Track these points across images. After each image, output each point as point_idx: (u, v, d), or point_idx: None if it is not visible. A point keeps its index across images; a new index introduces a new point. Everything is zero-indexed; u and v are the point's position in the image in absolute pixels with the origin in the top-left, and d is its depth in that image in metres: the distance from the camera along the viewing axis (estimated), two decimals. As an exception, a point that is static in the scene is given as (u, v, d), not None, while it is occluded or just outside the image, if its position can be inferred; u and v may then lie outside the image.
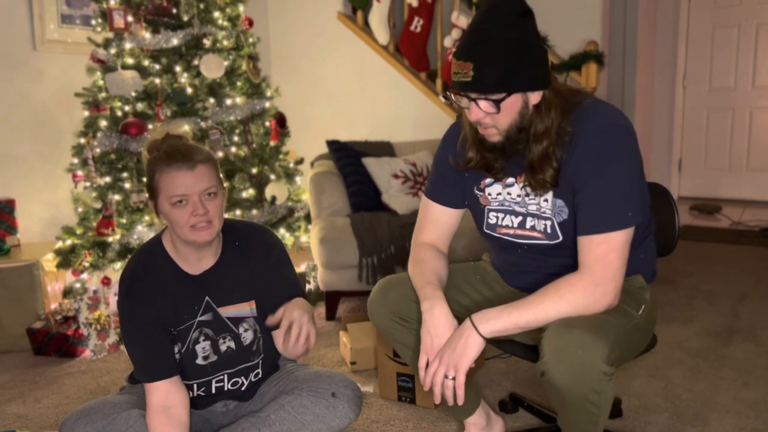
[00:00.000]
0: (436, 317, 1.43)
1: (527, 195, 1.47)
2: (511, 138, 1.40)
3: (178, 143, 1.48)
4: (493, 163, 1.48)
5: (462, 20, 3.79)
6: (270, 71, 4.62)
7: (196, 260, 1.52)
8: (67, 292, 3.08)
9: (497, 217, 1.54)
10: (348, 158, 3.23)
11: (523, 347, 1.61)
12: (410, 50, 4.02)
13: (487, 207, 1.56)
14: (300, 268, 3.14)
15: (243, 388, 1.60)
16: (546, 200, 1.45)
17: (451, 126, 1.63)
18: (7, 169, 3.34)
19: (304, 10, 4.53)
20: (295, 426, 1.48)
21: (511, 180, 1.49)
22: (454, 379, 1.36)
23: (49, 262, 2.99)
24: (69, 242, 2.94)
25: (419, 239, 1.63)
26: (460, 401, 1.36)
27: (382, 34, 4.12)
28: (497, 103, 1.34)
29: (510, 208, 1.52)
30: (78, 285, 3.05)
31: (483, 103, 1.35)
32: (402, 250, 2.84)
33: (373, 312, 1.60)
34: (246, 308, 1.56)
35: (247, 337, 1.56)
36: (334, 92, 4.49)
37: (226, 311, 1.54)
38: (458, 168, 1.54)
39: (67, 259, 2.91)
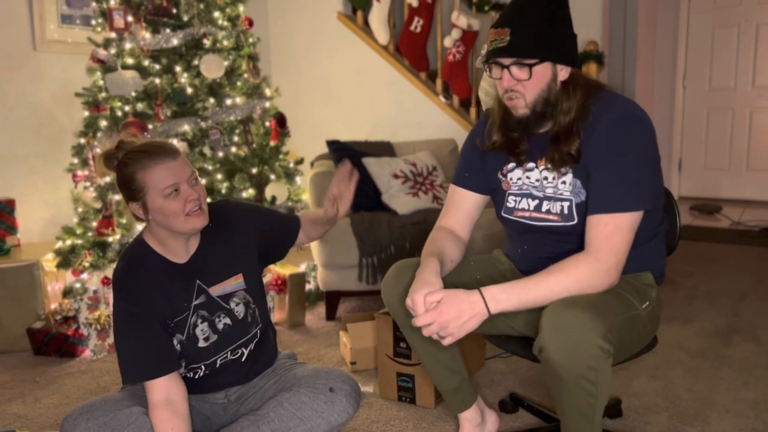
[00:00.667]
0: (426, 273, 1.45)
1: (545, 178, 1.52)
2: (537, 111, 1.47)
3: (146, 141, 1.51)
4: (517, 145, 1.54)
5: (462, 20, 3.79)
6: (270, 71, 4.62)
7: (184, 250, 1.55)
8: (67, 292, 3.08)
9: (515, 201, 1.60)
10: (348, 158, 3.23)
11: (523, 346, 1.61)
12: (410, 50, 4.02)
13: (507, 192, 1.62)
14: (300, 268, 3.14)
15: (243, 358, 1.63)
16: (564, 182, 1.50)
17: (480, 117, 1.71)
18: (7, 169, 3.34)
19: (304, 10, 4.53)
20: (294, 422, 1.49)
21: (531, 165, 1.56)
22: (442, 337, 1.39)
23: (49, 262, 2.99)
24: (69, 242, 2.94)
25: (439, 223, 1.70)
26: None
27: (382, 34, 4.12)
28: (530, 68, 1.42)
29: (528, 192, 1.57)
30: (78, 285, 3.05)
31: (515, 70, 1.44)
32: (402, 250, 2.84)
33: (386, 294, 1.64)
34: (232, 283, 1.60)
35: (240, 310, 1.60)
36: (334, 92, 4.49)
37: (215, 290, 1.58)
38: (483, 147, 1.62)
39: (67, 259, 2.91)
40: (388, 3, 4.04)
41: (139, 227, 2.87)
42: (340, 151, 3.27)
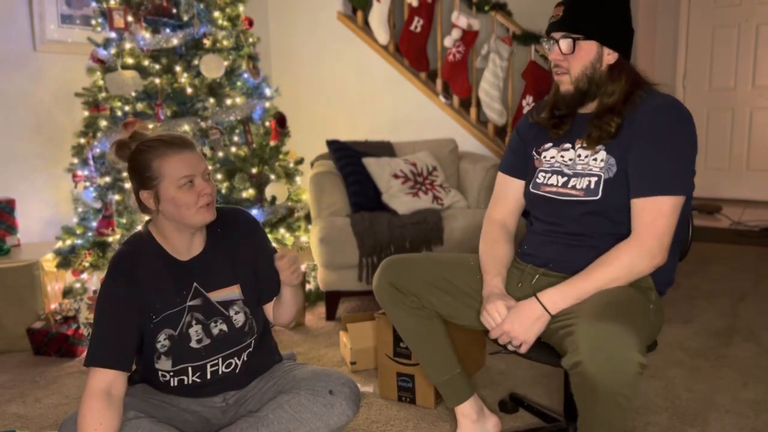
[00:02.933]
0: (496, 304, 1.54)
1: (578, 156, 1.57)
2: (580, 88, 1.56)
3: (164, 132, 1.53)
4: (560, 124, 1.62)
5: (462, 20, 3.79)
6: (270, 71, 4.62)
7: (186, 247, 1.55)
8: (67, 292, 3.08)
9: (545, 177, 1.64)
10: (348, 158, 3.23)
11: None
12: (410, 50, 4.02)
13: (538, 168, 1.67)
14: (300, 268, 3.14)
15: (237, 370, 1.61)
16: (596, 158, 1.55)
17: (535, 105, 1.79)
18: (7, 169, 3.34)
19: (304, 10, 4.53)
20: (294, 425, 1.48)
21: (567, 145, 1.62)
22: (519, 346, 1.51)
23: (49, 262, 2.99)
24: (69, 242, 2.94)
25: (492, 215, 1.79)
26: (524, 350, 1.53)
27: (382, 34, 4.12)
28: (574, 43, 1.52)
29: (559, 170, 1.63)
30: (78, 285, 3.05)
31: (563, 44, 1.53)
32: (402, 250, 2.84)
33: (375, 287, 1.75)
34: (235, 291, 1.59)
35: (239, 319, 1.59)
36: (334, 92, 4.49)
37: (216, 296, 1.57)
38: (533, 121, 1.70)
39: (67, 259, 2.91)
40: (388, 3, 4.04)
41: (139, 227, 2.87)
42: (340, 151, 3.27)
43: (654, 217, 1.46)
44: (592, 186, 1.54)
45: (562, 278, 1.55)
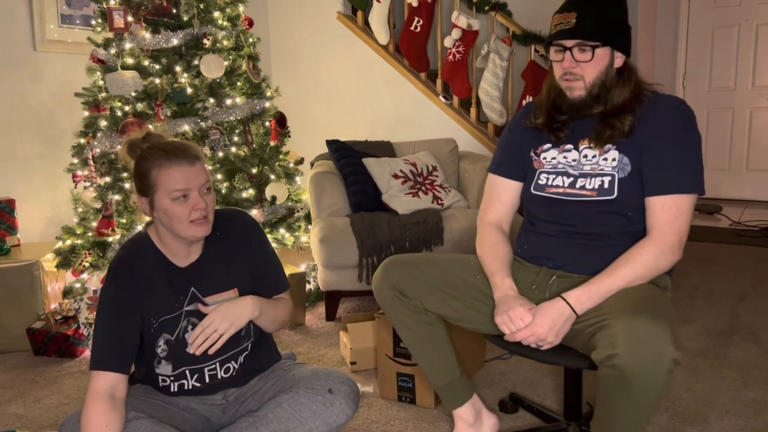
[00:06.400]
0: (514, 307, 1.52)
1: (585, 156, 1.59)
2: (593, 94, 1.56)
3: (170, 140, 1.52)
4: (562, 128, 1.62)
5: (462, 20, 3.79)
6: (270, 71, 4.62)
7: (184, 254, 1.55)
8: (67, 292, 3.08)
9: (548, 178, 1.64)
10: (348, 158, 3.23)
11: (525, 345, 1.60)
12: (410, 50, 4.02)
13: (539, 170, 1.66)
14: (300, 268, 3.14)
15: (235, 373, 1.61)
16: (606, 158, 1.55)
17: (524, 106, 1.78)
18: (7, 169, 3.34)
19: (304, 10, 4.53)
20: (293, 423, 1.48)
21: (569, 146, 1.62)
22: (540, 346, 1.49)
23: (49, 262, 2.99)
24: (69, 242, 2.94)
25: (486, 218, 1.77)
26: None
27: (382, 34, 4.12)
28: (592, 50, 1.52)
29: (563, 170, 1.62)
30: (78, 285, 3.05)
31: (577, 52, 1.53)
32: (402, 250, 2.84)
33: (376, 288, 1.71)
34: (231, 295, 1.59)
35: None
36: (334, 92, 4.49)
37: (212, 300, 1.57)
38: (527, 125, 1.69)
39: (67, 259, 2.91)
40: (388, 3, 4.04)
41: (139, 227, 2.87)
42: (340, 151, 3.27)
43: (674, 214, 1.48)
44: (606, 185, 1.54)
45: (581, 279, 1.54)
